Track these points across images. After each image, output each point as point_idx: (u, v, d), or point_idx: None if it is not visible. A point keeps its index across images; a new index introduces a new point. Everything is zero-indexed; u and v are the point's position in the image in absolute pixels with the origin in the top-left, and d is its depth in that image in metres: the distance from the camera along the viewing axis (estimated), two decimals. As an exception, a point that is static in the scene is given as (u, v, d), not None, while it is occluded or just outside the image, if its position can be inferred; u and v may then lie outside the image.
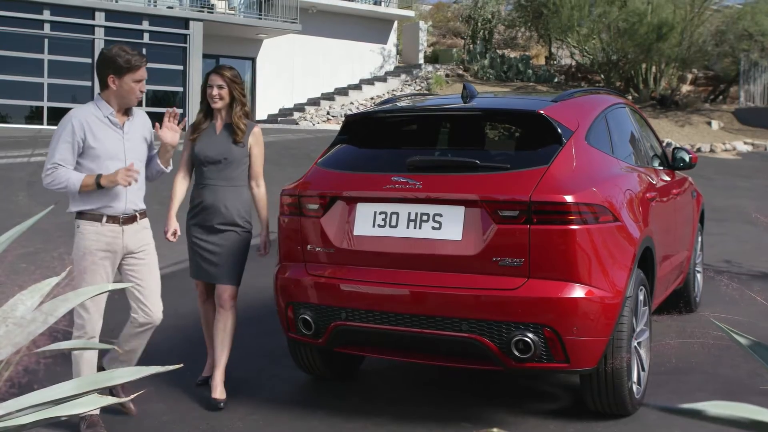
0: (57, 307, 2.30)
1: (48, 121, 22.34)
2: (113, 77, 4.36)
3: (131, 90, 4.40)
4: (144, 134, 4.63)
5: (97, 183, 4.30)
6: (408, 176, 4.34)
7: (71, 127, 4.34)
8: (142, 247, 4.60)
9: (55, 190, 4.39)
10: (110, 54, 4.37)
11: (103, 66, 4.39)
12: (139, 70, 4.41)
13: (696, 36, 25.89)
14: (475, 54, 30.09)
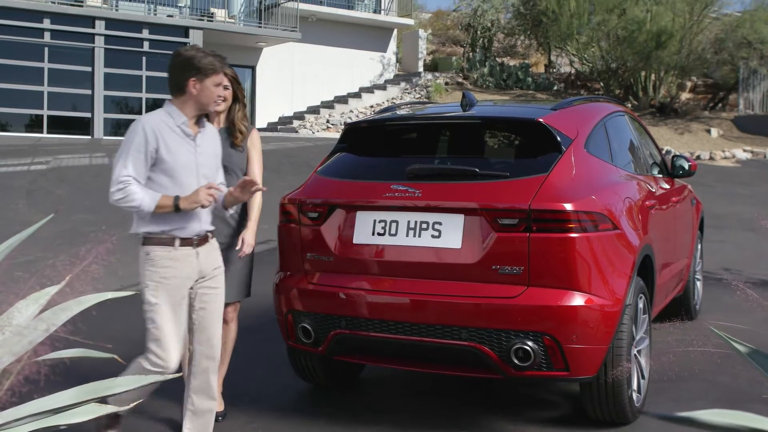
0: (57, 316, 2.30)
1: (48, 130, 22.36)
2: (195, 81, 3.91)
3: (212, 95, 3.99)
4: (215, 148, 4.16)
5: (175, 206, 3.84)
6: (407, 184, 4.35)
7: (144, 136, 3.85)
8: (216, 270, 4.11)
9: (124, 208, 3.88)
10: (190, 55, 3.95)
11: (182, 68, 3.94)
12: (221, 73, 4.03)
13: (695, 44, 25.94)
14: (475, 62, 30.13)
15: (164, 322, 3.88)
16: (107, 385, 2.27)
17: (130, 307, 7.25)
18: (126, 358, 2.76)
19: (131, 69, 23.54)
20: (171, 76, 3.99)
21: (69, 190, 14.22)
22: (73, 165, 17.03)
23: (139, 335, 6.51)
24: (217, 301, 4.09)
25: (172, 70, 3.98)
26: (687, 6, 25.48)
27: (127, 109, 24.05)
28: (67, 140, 21.42)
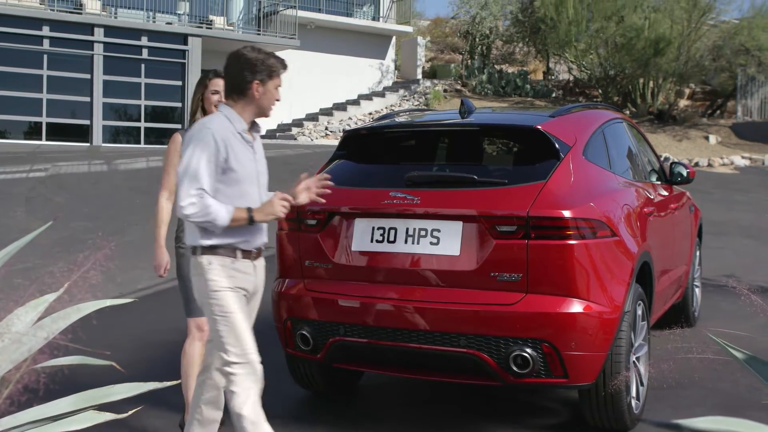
0: (56, 323, 2.29)
1: (47, 137, 22.37)
2: (258, 83, 3.68)
3: (273, 98, 3.77)
4: (263, 154, 3.97)
5: (249, 218, 3.62)
6: (406, 192, 4.35)
7: (215, 144, 3.58)
8: (262, 286, 3.89)
9: (197, 223, 3.57)
10: (253, 56, 3.70)
11: (244, 70, 3.69)
12: (281, 75, 3.82)
13: (693, 51, 26.01)
14: (473, 69, 30.18)
15: (240, 323, 3.62)
16: (106, 392, 2.26)
17: (128, 314, 7.27)
18: (125, 365, 2.75)
19: (130, 76, 23.56)
20: (232, 78, 3.73)
21: (68, 198, 14.22)
22: (72, 172, 17.04)
23: (138, 342, 6.53)
24: (251, 320, 3.84)
25: (234, 72, 3.72)
26: (685, 13, 25.54)
27: (126, 116, 24.06)
28: (66, 147, 21.43)
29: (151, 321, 7.32)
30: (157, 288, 8.80)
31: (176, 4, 25.54)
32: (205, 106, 4.58)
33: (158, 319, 7.42)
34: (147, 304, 7.91)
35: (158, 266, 4.53)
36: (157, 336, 6.77)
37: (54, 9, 22.72)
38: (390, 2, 31.01)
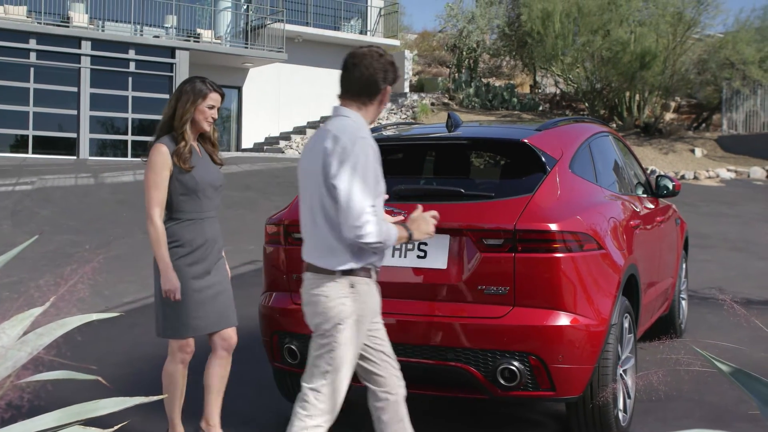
0: (41, 338, 2.28)
1: (33, 150, 22.30)
2: (389, 89, 3.54)
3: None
4: None
5: (409, 237, 3.44)
6: (393, 205, 4.35)
7: (374, 155, 3.34)
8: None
9: (371, 245, 3.25)
10: (385, 60, 3.50)
11: (378, 73, 3.47)
12: None
13: (678, 64, 26.18)
14: (461, 83, 30.28)
15: (347, 362, 3.39)
16: (92, 407, 2.25)
17: (114, 328, 7.23)
18: (111, 379, 2.74)
19: (117, 89, 23.54)
20: (368, 78, 3.46)
21: (54, 211, 14.16)
22: (59, 185, 16.97)
23: (124, 356, 6.50)
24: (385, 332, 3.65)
25: (373, 72, 3.45)
26: (670, 27, 25.72)
27: (113, 129, 24.03)
28: (52, 161, 21.36)
29: (138, 335, 7.28)
30: (144, 302, 8.77)
31: (164, 18, 25.56)
32: (197, 117, 4.30)
33: (144, 332, 7.38)
34: (133, 318, 7.88)
35: (173, 290, 4.18)
36: (143, 350, 6.74)
37: (41, 22, 22.71)
38: (377, 16, 31.12)
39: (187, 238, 4.25)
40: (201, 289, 4.28)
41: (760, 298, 8.64)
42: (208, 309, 4.30)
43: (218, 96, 4.36)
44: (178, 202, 4.27)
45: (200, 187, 4.27)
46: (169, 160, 4.24)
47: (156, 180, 4.24)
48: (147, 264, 4.90)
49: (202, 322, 4.30)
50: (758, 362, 3.91)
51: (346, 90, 3.54)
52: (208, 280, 4.33)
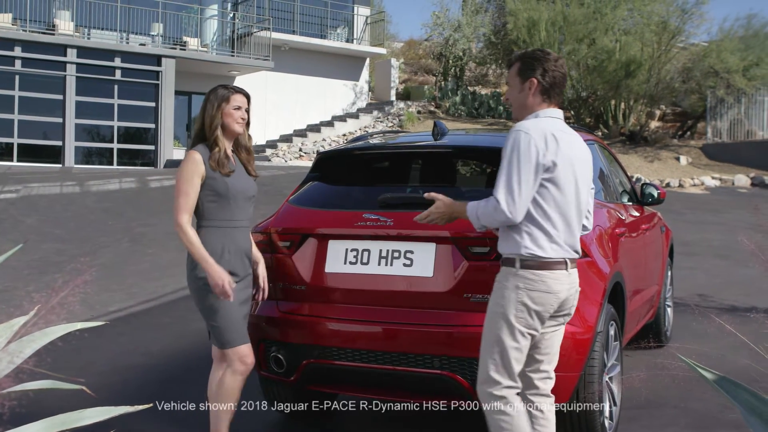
0: (25, 347, 2.27)
1: (18, 158, 22.20)
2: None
3: None
4: None
5: None
6: (379, 213, 4.36)
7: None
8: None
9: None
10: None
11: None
12: None
13: (663, 73, 26.35)
14: (447, 91, 30.36)
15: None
16: (76, 417, 2.24)
17: (99, 337, 7.20)
18: (95, 389, 2.72)
19: (103, 97, 23.48)
20: (561, 78, 3.66)
21: (39, 219, 14.09)
22: (44, 194, 16.90)
23: (109, 366, 6.47)
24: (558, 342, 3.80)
25: (562, 71, 3.67)
26: (655, 36, 25.90)
27: (98, 137, 23.96)
28: (37, 169, 21.27)
29: (123, 344, 7.25)
30: (129, 311, 8.74)
31: (150, 26, 25.53)
32: (226, 121, 4.23)
33: (130, 342, 7.36)
34: (118, 327, 7.85)
35: (223, 282, 4.02)
36: (128, 359, 6.71)
37: (26, 30, 22.64)
38: (364, 24, 31.18)
39: (217, 246, 4.14)
40: (238, 297, 4.18)
41: (745, 305, 8.69)
42: (241, 319, 4.22)
43: (243, 97, 4.29)
44: (208, 209, 4.19)
45: (231, 193, 4.18)
46: (202, 167, 4.16)
47: (186, 187, 4.15)
48: (132, 273, 4.88)
49: (242, 332, 4.20)
50: (742, 369, 3.93)
51: (544, 88, 3.66)
52: (246, 289, 4.27)
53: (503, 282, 3.56)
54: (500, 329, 3.52)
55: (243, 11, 28.35)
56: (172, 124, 24.29)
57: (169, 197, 17.16)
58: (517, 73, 3.68)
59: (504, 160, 3.51)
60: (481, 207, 3.51)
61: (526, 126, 3.54)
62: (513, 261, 3.54)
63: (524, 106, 3.68)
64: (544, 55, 3.65)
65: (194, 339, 7.28)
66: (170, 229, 13.43)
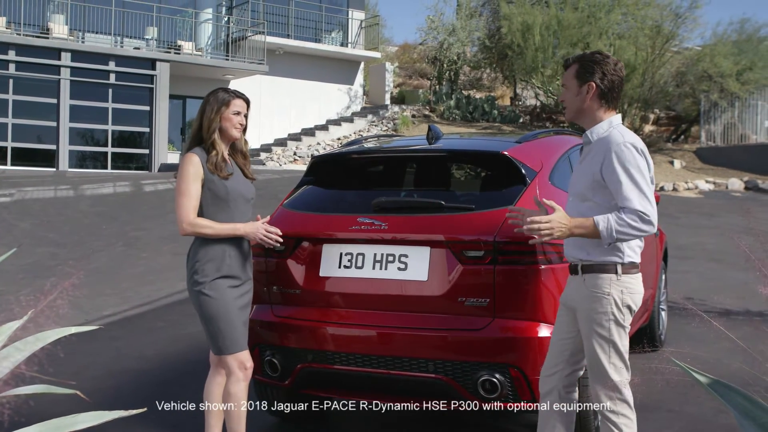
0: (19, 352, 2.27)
1: (12, 162, 22.16)
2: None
3: None
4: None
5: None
6: (374, 217, 4.36)
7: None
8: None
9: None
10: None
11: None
12: None
13: (657, 77, 26.43)
14: (441, 95, 30.39)
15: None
16: (70, 421, 2.23)
17: (94, 341, 7.19)
18: (90, 393, 2.72)
19: (97, 101, 23.46)
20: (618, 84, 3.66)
21: (33, 223, 14.07)
22: (38, 198, 16.87)
23: (103, 370, 6.45)
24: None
25: (618, 75, 3.66)
26: (649, 40, 25.98)
27: (92, 141, 23.92)
28: (31, 172, 21.23)
29: (117, 348, 7.24)
30: (123, 315, 8.73)
31: (144, 29, 25.52)
32: (224, 125, 4.21)
33: (124, 346, 7.35)
34: (113, 332, 7.83)
35: (257, 230, 4.14)
36: (123, 363, 6.70)
37: (20, 33, 22.61)
38: (358, 28, 31.20)
39: (218, 250, 4.11)
40: (239, 302, 4.16)
41: (739, 308, 8.71)
42: (242, 325, 4.18)
43: (242, 102, 4.28)
44: (208, 212, 4.15)
45: (231, 197, 4.16)
46: (201, 169, 4.13)
47: (187, 188, 4.12)
48: (126, 277, 4.87)
49: (244, 337, 4.19)
50: (736, 373, 3.94)
51: (602, 94, 3.65)
52: (246, 295, 4.24)
53: (603, 289, 3.55)
54: (613, 334, 3.53)
55: (237, 15, 28.34)
56: (166, 127, 24.27)
57: (163, 201, 17.15)
58: (575, 76, 3.65)
59: (620, 173, 3.44)
60: (618, 221, 3.43)
61: (629, 137, 3.53)
62: (613, 268, 3.55)
63: (581, 110, 3.67)
64: (603, 58, 3.63)
65: (189, 343, 7.27)
66: (164, 234, 13.43)
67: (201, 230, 4.08)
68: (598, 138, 3.60)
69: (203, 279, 4.08)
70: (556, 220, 3.46)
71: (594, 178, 3.54)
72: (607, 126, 3.61)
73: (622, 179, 3.42)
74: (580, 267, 3.61)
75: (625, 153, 3.45)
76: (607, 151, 3.49)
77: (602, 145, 3.54)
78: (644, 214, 3.39)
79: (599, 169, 3.51)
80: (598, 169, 3.51)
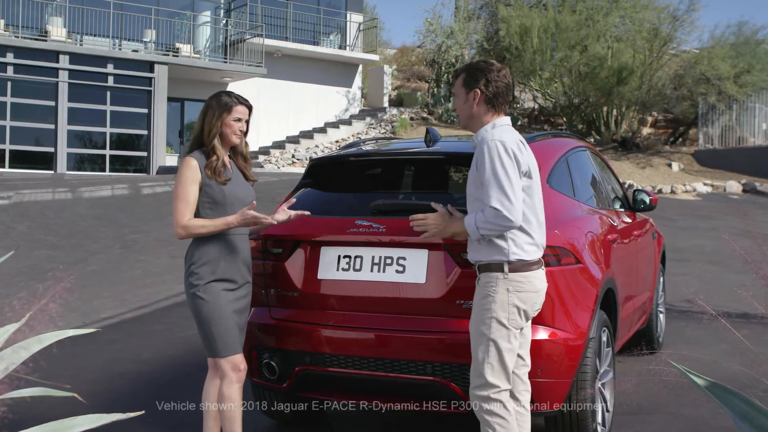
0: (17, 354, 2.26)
1: (10, 164, 22.15)
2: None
3: None
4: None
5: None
6: (372, 220, 4.35)
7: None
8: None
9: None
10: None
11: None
12: None
13: (655, 80, 26.44)
14: (440, 97, 30.40)
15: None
16: (68, 424, 2.23)
17: (91, 344, 7.18)
18: (87, 396, 2.72)
19: (95, 103, 23.46)
20: (508, 89, 3.84)
21: (31, 226, 14.05)
22: (36, 200, 16.85)
23: (101, 372, 6.45)
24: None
25: (509, 82, 3.85)
26: (647, 43, 26.00)
27: (90, 143, 23.91)
28: (29, 175, 21.22)
29: (115, 351, 7.23)
30: (121, 318, 8.72)
31: (142, 32, 25.52)
32: (225, 131, 4.20)
33: (122, 349, 7.34)
34: (110, 334, 7.83)
35: (250, 217, 4.07)
36: (120, 366, 6.69)
37: (18, 36, 22.60)
38: (356, 31, 31.22)
39: (213, 253, 4.11)
40: (233, 305, 4.14)
41: (737, 311, 8.71)
42: (236, 328, 4.16)
43: (245, 108, 4.28)
44: (205, 216, 4.14)
45: (228, 201, 4.15)
46: (199, 173, 4.12)
47: (184, 192, 4.12)
48: (124, 280, 4.86)
49: (238, 340, 4.18)
50: (734, 375, 3.94)
51: (490, 99, 3.83)
52: (243, 299, 4.22)
53: (491, 287, 3.68)
54: (494, 333, 3.62)
55: (236, 18, 28.36)
56: (164, 130, 24.27)
57: (161, 203, 17.13)
58: (462, 84, 3.85)
59: (486, 170, 3.60)
60: (479, 217, 3.59)
61: (498, 135, 3.67)
62: (500, 266, 3.66)
63: (470, 116, 3.84)
64: (488, 66, 3.83)
65: (187, 346, 7.27)
66: (162, 236, 13.46)
67: (195, 231, 4.09)
68: (480, 139, 3.77)
69: (197, 282, 4.08)
70: (431, 218, 3.80)
71: (477, 177, 3.69)
72: (490, 128, 3.78)
73: (486, 176, 3.59)
74: (476, 267, 3.78)
75: (491, 150, 3.61)
76: (479, 150, 3.68)
77: (480, 145, 3.72)
78: (499, 210, 3.52)
79: (476, 168, 3.69)
80: (476, 168, 3.69)
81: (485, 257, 3.70)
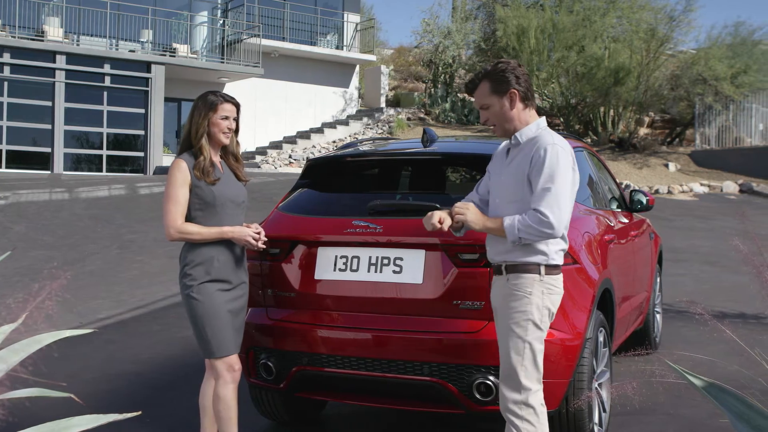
0: (14, 355, 2.26)
1: (7, 165, 22.12)
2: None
3: None
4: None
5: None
6: (369, 220, 4.35)
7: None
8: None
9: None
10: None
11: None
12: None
13: (652, 80, 26.45)
14: (437, 98, 30.41)
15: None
16: (65, 424, 2.23)
17: (88, 344, 7.17)
18: (84, 396, 2.71)
19: (92, 104, 23.43)
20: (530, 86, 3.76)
21: (28, 226, 14.04)
22: (32, 200, 16.84)
23: (98, 373, 6.44)
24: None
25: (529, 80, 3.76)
26: (644, 43, 26.01)
27: (87, 144, 23.89)
28: (26, 175, 21.19)
29: (112, 351, 7.23)
30: (118, 318, 8.71)
31: (139, 32, 25.51)
32: (212, 130, 4.16)
33: (119, 349, 7.34)
34: (108, 335, 7.82)
35: (245, 234, 4.11)
36: (117, 366, 6.69)
37: (15, 36, 22.57)
38: (354, 31, 31.21)
39: (206, 255, 4.09)
40: (229, 304, 4.13)
41: (734, 311, 8.73)
42: (231, 329, 4.14)
43: (231, 106, 4.21)
44: (196, 217, 4.12)
45: (218, 201, 4.12)
46: (188, 174, 4.10)
47: (175, 194, 4.11)
48: (121, 280, 4.85)
49: (234, 341, 4.16)
50: (731, 375, 3.94)
51: (523, 96, 3.74)
52: (238, 299, 4.20)
53: (525, 289, 3.60)
54: (530, 335, 3.57)
55: (233, 18, 28.35)
56: (161, 130, 24.26)
57: (158, 204, 17.06)
58: (492, 93, 3.70)
59: (544, 175, 3.50)
60: (522, 221, 3.50)
61: (559, 140, 3.60)
62: (537, 269, 3.60)
63: (509, 119, 3.72)
64: (507, 64, 3.72)
65: (184, 346, 7.26)
66: (159, 237, 13.44)
67: (188, 236, 4.08)
68: (528, 139, 3.68)
69: (191, 282, 4.08)
70: (472, 207, 3.66)
71: (522, 178, 3.59)
72: (535, 128, 3.70)
73: (542, 179, 3.50)
74: (504, 267, 3.66)
75: (552, 156, 3.52)
76: (536, 152, 3.56)
77: (532, 146, 3.61)
78: (547, 217, 3.44)
79: (527, 170, 3.57)
80: (527, 169, 3.57)
81: (518, 258, 3.61)
